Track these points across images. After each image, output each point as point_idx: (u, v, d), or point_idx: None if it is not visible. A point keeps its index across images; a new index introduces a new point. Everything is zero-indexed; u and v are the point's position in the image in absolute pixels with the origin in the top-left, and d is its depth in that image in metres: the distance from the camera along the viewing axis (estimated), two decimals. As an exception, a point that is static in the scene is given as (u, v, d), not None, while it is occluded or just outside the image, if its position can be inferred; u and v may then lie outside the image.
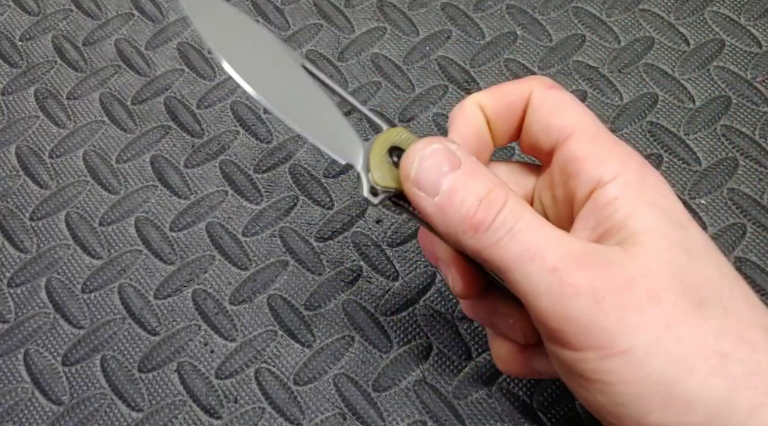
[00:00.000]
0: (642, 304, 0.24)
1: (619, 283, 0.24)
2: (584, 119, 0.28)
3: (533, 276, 0.24)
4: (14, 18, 0.45)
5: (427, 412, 0.34)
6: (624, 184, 0.26)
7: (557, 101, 0.28)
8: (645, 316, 0.24)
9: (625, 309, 0.24)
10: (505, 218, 0.25)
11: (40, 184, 0.40)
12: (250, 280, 0.37)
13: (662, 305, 0.24)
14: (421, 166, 0.26)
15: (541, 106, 0.28)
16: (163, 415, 0.34)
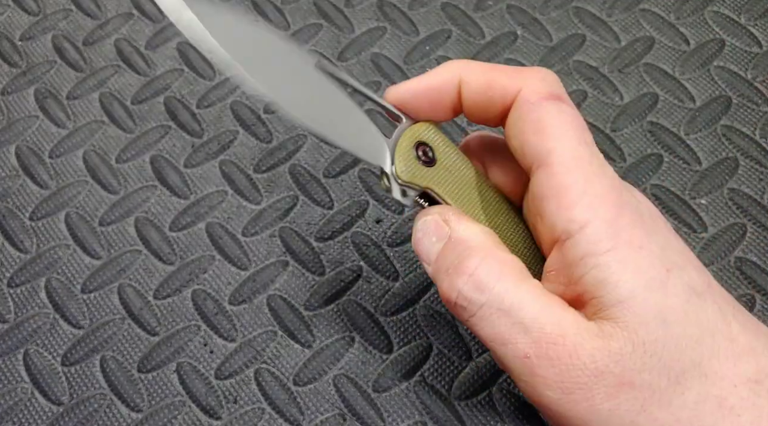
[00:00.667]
0: (613, 392, 0.23)
1: (588, 373, 0.23)
2: (562, 147, 0.25)
3: (507, 359, 0.25)
4: (14, 18, 0.45)
5: (427, 412, 0.33)
6: (593, 238, 0.24)
7: (539, 119, 0.25)
8: (617, 402, 0.23)
9: (596, 399, 0.23)
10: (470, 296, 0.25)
11: (40, 184, 0.40)
12: (249, 280, 0.37)
13: (635, 390, 0.23)
14: (416, 237, 0.27)
15: (522, 120, 0.26)
16: (163, 415, 0.34)
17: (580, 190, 0.24)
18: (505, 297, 0.24)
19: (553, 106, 0.26)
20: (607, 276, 0.24)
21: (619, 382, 0.23)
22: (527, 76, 0.26)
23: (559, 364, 0.24)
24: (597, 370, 0.23)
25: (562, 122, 0.25)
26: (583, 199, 0.24)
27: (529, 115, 0.26)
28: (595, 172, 0.25)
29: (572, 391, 0.24)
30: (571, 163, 0.25)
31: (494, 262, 0.25)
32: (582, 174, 0.25)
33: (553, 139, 0.25)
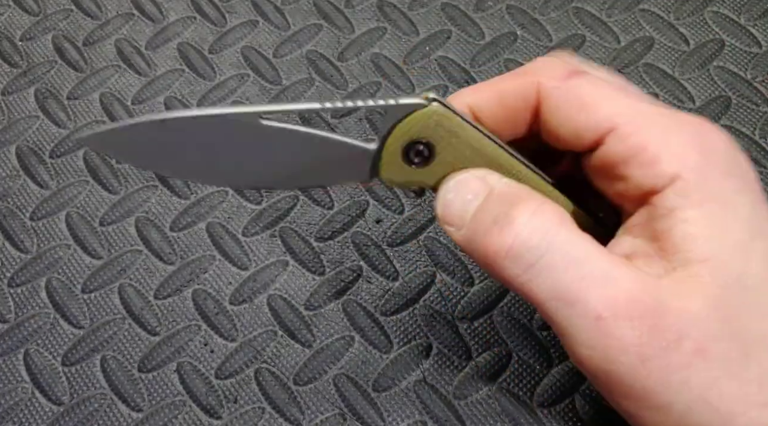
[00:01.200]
0: (687, 360, 0.21)
1: (669, 337, 0.21)
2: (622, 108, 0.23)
3: (573, 321, 0.21)
4: (14, 18, 0.45)
5: (427, 412, 0.34)
6: (682, 192, 0.22)
7: (579, 95, 0.24)
8: (689, 373, 0.21)
9: (670, 368, 0.21)
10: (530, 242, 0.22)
11: (41, 184, 0.40)
12: (250, 280, 0.37)
13: (708, 361, 0.21)
14: (445, 199, 0.24)
15: (560, 107, 0.24)
16: (163, 415, 0.34)
17: (660, 143, 0.22)
18: (572, 246, 0.22)
19: (581, 79, 0.24)
20: (696, 231, 0.22)
21: (696, 349, 0.21)
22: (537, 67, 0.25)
23: (641, 326, 0.21)
24: (679, 334, 0.21)
25: (603, 89, 0.24)
26: (665, 151, 0.22)
27: (563, 99, 0.24)
28: (668, 119, 0.23)
29: (649, 358, 0.21)
30: (639, 119, 0.23)
31: (551, 208, 0.22)
32: (655, 125, 0.22)
33: (605, 105, 0.23)
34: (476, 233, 0.23)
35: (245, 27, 0.44)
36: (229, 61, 0.43)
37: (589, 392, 0.34)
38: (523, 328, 0.35)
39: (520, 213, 0.22)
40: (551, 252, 0.21)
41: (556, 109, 0.24)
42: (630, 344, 0.21)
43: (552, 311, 0.22)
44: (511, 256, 0.22)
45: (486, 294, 0.36)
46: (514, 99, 0.24)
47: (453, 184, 0.24)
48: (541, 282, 0.22)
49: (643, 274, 0.22)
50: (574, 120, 0.23)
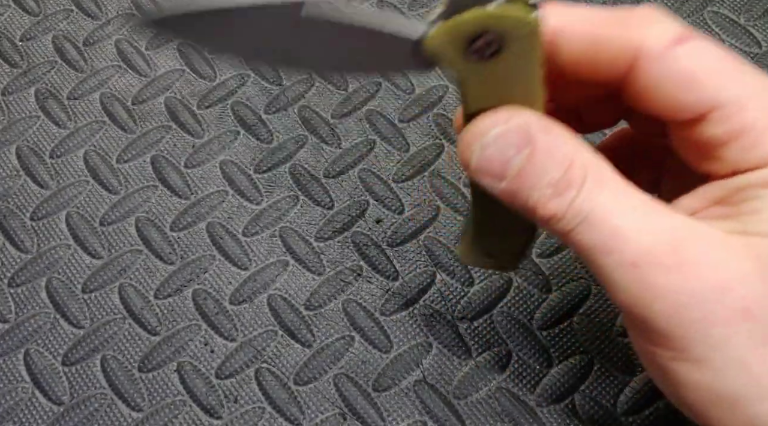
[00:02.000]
0: (731, 317, 0.21)
1: (711, 287, 0.21)
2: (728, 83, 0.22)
3: (610, 270, 0.22)
4: (14, 18, 0.45)
5: (427, 412, 0.34)
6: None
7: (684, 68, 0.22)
8: (731, 331, 0.21)
9: (710, 321, 0.21)
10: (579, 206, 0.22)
11: (41, 184, 0.40)
12: (250, 279, 0.37)
13: (755, 322, 0.21)
14: (482, 155, 0.22)
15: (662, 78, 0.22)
16: (163, 415, 0.34)
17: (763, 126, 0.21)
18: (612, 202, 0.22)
19: (688, 49, 0.22)
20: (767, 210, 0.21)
21: (742, 307, 0.21)
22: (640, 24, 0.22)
23: (677, 273, 0.21)
24: (720, 286, 0.21)
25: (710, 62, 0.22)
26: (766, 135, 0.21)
27: (668, 71, 0.22)
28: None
29: (687, 306, 0.21)
30: (744, 100, 0.22)
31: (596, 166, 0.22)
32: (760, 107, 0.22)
33: (711, 84, 0.22)
34: (521, 190, 0.22)
35: (245, 27, 0.44)
36: (230, 61, 0.43)
37: (589, 392, 0.34)
38: (523, 328, 0.35)
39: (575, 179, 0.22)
40: (595, 211, 0.21)
41: (658, 81, 0.22)
42: (666, 290, 0.21)
43: (592, 260, 0.22)
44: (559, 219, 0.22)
45: (486, 294, 0.36)
46: (609, 51, 0.22)
47: (492, 137, 0.22)
48: (585, 236, 0.22)
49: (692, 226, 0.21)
50: (676, 95, 0.22)
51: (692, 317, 0.21)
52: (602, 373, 0.34)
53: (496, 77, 0.21)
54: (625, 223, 0.21)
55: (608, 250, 0.21)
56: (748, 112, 0.21)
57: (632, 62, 0.22)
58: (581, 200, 0.21)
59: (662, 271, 0.21)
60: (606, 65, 0.23)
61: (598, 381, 0.34)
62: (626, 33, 0.22)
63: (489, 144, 0.22)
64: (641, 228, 0.21)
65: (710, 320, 0.21)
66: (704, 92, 0.22)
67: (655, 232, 0.21)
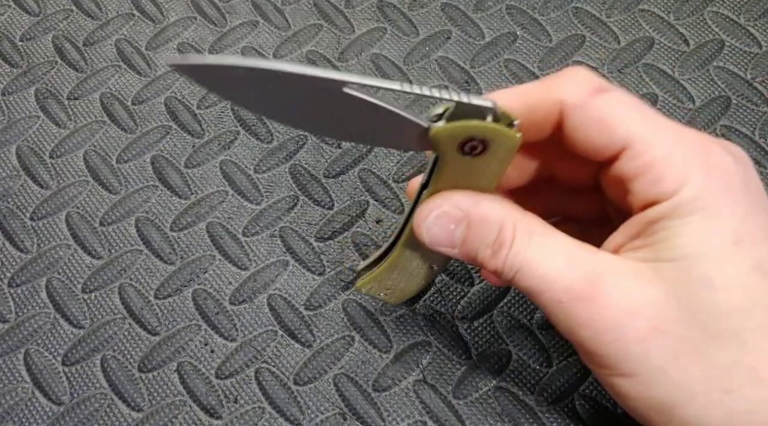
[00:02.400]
0: (645, 335, 0.24)
1: (621, 314, 0.24)
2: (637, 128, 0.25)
3: (547, 306, 0.26)
4: (14, 18, 0.45)
5: (427, 412, 0.34)
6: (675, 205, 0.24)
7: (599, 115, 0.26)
8: (648, 346, 0.24)
9: (626, 340, 0.24)
10: (512, 261, 0.26)
11: (41, 184, 0.40)
12: (250, 279, 0.37)
13: (667, 338, 0.24)
14: (429, 233, 0.27)
15: (581, 125, 0.26)
16: (163, 415, 0.34)
17: (666, 162, 0.25)
18: (537, 253, 0.26)
19: (602, 99, 0.26)
20: (672, 237, 0.24)
21: (652, 326, 0.24)
22: (560, 84, 0.27)
23: (591, 305, 0.25)
24: (630, 311, 0.24)
25: (621, 109, 0.26)
26: (669, 171, 0.25)
27: (584, 119, 0.26)
28: (676, 139, 0.25)
29: (604, 331, 0.24)
30: (650, 139, 0.25)
31: (523, 224, 0.26)
32: (664, 145, 0.25)
33: (621, 127, 0.25)
34: (469, 253, 0.27)
35: (245, 27, 0.44)
36: (230, 61, 0.43)
37: (589, 392, 0.34)
38: (523, 328, 0.35)
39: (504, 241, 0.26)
40: (525, 262, 0.26)
41: (578, 127, 0.26)
42: (585, 319, 0.25)
43: (533, 299, 0.26)
44: (500, 271, 0.27)
45: (486, 294, 0.36)
46: (540, 112, 0.27)
47: (433, 219, 0.27)
48: (523, 281, 0.26)
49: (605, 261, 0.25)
50: (593, 138, 0.26)
51: (611, 339, 0.25)
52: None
53: (471, 167, 0.26)
54: (550, 269, 0.25)
55: (540, 292, 0.26)
56: (653, 151, 0.25)
57: (558, 117, 0.26)
58: (513, 256, 0.26)
59: (581, 304, 0.25)
60: (543, 123, 0.27)
61: (597, 381, 0.34)
62: (551, 94, 0.26)
63: (432, 225, 0.27)
64: (563, 270, 0.25)
65: (626, 340, 0.24)
66: (616, 134, 0.25)
67: (574, 271, 0.25)
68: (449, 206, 0.27)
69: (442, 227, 0.27)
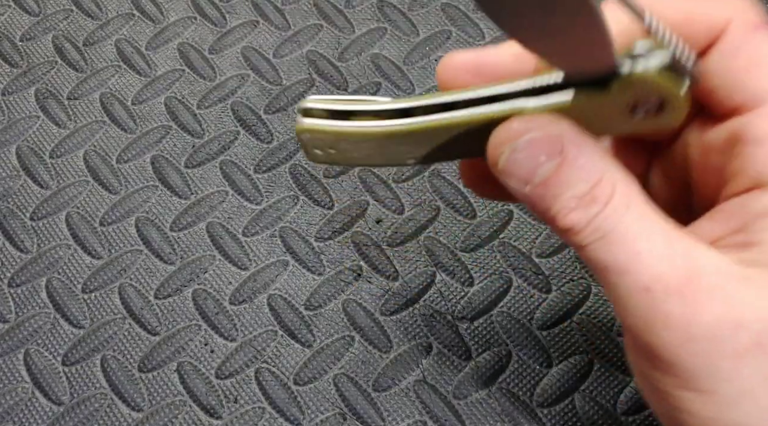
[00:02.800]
0: (743, 352, 0.20)
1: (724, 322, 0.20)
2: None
3: (622, 291, 0.21)
4: (14, 18, 0.45)
5: (427, 412, 0.34)
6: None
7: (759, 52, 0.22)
8: (741, 365, 0.20)
9: (720, 354, 0.20)
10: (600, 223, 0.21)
11: (41, 184, 0.40)
12: (250, 279, 0.37)
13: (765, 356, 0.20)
14: (511, 157, 0.22)
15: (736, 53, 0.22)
16: (163, 415, 0.34)
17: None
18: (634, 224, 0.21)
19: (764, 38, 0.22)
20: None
21: (755, 343, 0.20)
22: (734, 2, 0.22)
23: (690, 303, 0.20)
24: (735, 322, 0.20)
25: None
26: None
27: (743, 48, 0.22)
28: None
29: (696, 338, 0.20)
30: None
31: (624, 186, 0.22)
32: None
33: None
34: (544, 198, 0.22)
35: (245, 27, 0.44)
36: (229, 61, 0.43)
37: (589, 392, 0.34)
38: (523, 328, 0.35)
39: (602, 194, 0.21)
40: (616, 230, 0.21)
41: (729, 55, 0.22)
42: (677, 320, 0.21)
43: (605, 278, 0.22)
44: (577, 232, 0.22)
45: (486, 294, 0.36)
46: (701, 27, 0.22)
47: (525, 142, 0.22)
48: (601, 253, 0.21)
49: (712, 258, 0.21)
50: (736, 75, 0.22)
51: (702, 349, 0.21)
52: (602, 373, 0.34)
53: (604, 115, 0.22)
54: (644, 247, 0.21)
55: (623, 271, 0.21)
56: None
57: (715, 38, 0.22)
58: (604, 217, 0.21)
59: (675, 300, 0.21)
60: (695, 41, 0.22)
61: (598, 381, 0.34)
62: (719, 10, 0.22)
63: (520, 148, 0.22)
64: (660, 254, 0.21)
65: (720, 354, 0.20)
66: (760, 83, 0.21)
67: (673, 259, 0.21)
68: (551, 133, 0.22)
69: (529, 155, 0.22)
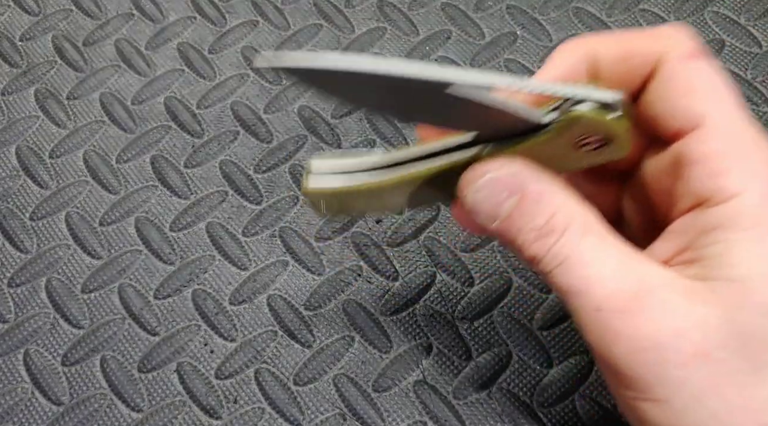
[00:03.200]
0: (687, 360, 0.22)
1: (666, 333, 0.22)
2: (719, 109, 0.23)
3: (578, 312, 0.23)
4: (14, 18, 0.45)
5: (427, 412, 0.34)
6: (735, 212, 0.22)
7: (692, 78, 0.23)
8: (688, 373, 0.22)
9: (667, 363, 0.22)
10: (557, 251, 0.23)
11: (40, 184, 0.40)
12: (250, 280, 0.37)
13: (711, 363, 0.22)
14: (475, 196, 0.25)
15: (671, 81, 0.24)
16: (163, 415, 0.34)
17: (735, 158, 0.22)
18: (587, 251, 0.23)
19: (700, 65, 0.24)
20: (730, 254, 0.22)
21: (696, 351, 0.22)
22: (668, 35, 0.24)
23: (635, 319, 0.22)
24: (676, 332, 0.22)
25: (716, 82, 0.23)
26: (736, 168, 0.22)
27: (678, 76, 0.23)
28: (753, 140, 0.23)
29: (643, 350, 0.22)
30: (728, 128, 0.23)
31: (580, 216, 0.24)
32: (739, 141, 0.23)
33: (707, 100, 0.23)
34: (510, 232, 0.24)
35: (245, 27, 0.44)
36: (229, 61, 0.43)
37: (589, 392, 0.34)
38: (523, 328, 0.35)
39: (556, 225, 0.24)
40: (572, 257, 0.23)
41: (664, 84, 0.24)
42: (625, 335, 0.22)
43: (566, 302, 0.24)
44: (538, 261, 0.24)
45: (486, 294, 0.36)
46: (639, 61, 0.24)
47: (485, 181, 0.24)
48: (559, 279, 0.24)
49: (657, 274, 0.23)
50: (673, 101, 0.24)
51: (650, 360, 0.22)
52: (602, 374, 0.34)
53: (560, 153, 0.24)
54: (596, 271, 0.23)
55: (579, 293, 0.23)
56: (725, 140, 0.23)
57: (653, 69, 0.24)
58: (560, 245, 0.23)
59: (622, 317, 0.22)
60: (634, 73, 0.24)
61: (598, 381, 0.34)
62: (654, 44, 0.24)
63: (481, 187, 0.24)
64: (610, 276, 0.23)
65: (667, 363, 0.22)
66: (696, 106, 0.23)
67: (623, 279, 0.23)
68: (507, 173, 0.24)
69: (492, 193, 0.24)
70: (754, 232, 0.22)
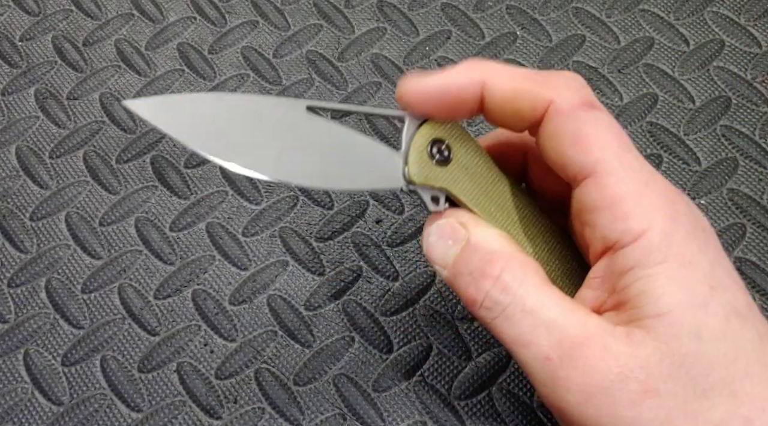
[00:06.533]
0: (637, 398, 0.23)
1: (612, 377, 0.23)
2: (607, 157, 0.24)
3: (529, 362, 0.24)
4: (14, 18, 0.45)
5: (427, 412, 0.34)
6: (645, 250, 0.24)
7: (581, 128, 0.25)
8: (641, 410, 0.23)
9: (619, 405, 0.23)
10: (496, 297, 0.25)
11: (40, 185, 0.40)
12: (250, 280, 0.37)
13: (660, 398, 0.23)
14: (428, 241, 0.27)
15: (561, 131, 0.25)
16: (163, 415, 0.34)
17: (634, 200, 0.24)
18: (528, 299, 0.24)
19: (589, 115, 0.25)
20: (652, 289, 0.23)
21: (644, 389, 0.23)
22: (556, 84, 0.26)
23: (583, 367, 0.23)
24: (622, 375, 0.23)
25: (602, 131, 0.25)
26: (637, 209, 0.24)
27: (565, 128, 0.25)
28: (647, 180, 0.24)
29: (594, 396, 0.23)
30: (621, 173, 0.24)
31: (517, 265, 0.25)
32: (634, 183, 0.24)
33: (597, 149, 0.24)
34: (455, 278, 0.26)
35: (245, 27, 0.44)
36: (229, 61, 0.43)
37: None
38: (523, 328, 0.35)
39: (491, 271, 0.25)
40: (514, 305, 0.24)
41: (554, 134, 0.25)
42: (574, 384, 0.23)
43: (514, 352, 0.25)
44: (483, 307, 0.25)
45: (486, 294, 0.36)
46: (526, 101, 0.25)
47: (435, 228, 0.26)
48: (505, 328, 0.25)
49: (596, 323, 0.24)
50: (565, 150, 0.25)
51: (602, 404, 0.23)
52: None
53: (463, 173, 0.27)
54: (541, 320, 0.24)
55: (526, 343, 0.24)
56: (622, 186, 0.24)
57: (540, 115, 0.25)
58: (497, 292, 0.24)
59: (571, 365, 0.23)
60: (523, 114, 0.26)
61: None
62: (542, 91, 0.25)
63: (432, 233, 0.26)
64: (553, 325, 0.24)
65: (618, 405, 0.23)
66: (588, 155, 0.24)
67: (566, 327, 0.24)
68: (455, 220, 0.26)
69: (440, 239, 0.26)
70: (667, 264, 0.23)
